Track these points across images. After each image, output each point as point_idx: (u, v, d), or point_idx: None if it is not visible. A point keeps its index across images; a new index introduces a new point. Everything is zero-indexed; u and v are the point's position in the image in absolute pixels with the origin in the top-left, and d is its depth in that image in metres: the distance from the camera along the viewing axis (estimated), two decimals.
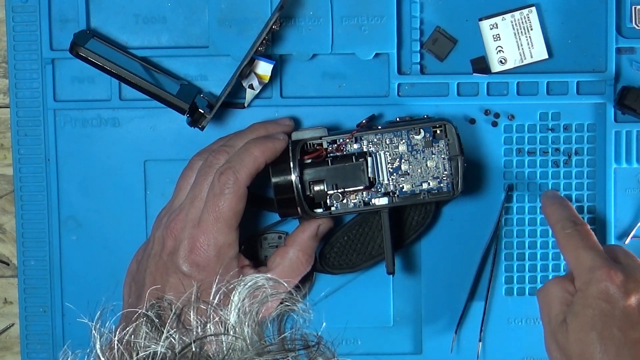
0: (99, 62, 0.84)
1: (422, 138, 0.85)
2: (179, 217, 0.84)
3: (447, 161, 0.85)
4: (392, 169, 0.86)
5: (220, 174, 0.82)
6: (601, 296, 0.78)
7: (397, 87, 0.89)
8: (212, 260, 0.82)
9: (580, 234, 0.82)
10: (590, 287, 0.79)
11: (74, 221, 0.90)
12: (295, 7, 0.87)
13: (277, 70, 0.88)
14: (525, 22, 0.87)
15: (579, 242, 0.81)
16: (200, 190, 0.83)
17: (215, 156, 0.84)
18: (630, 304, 0.78)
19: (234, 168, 0.82)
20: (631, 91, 0.87)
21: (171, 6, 0.89)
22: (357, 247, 0.88)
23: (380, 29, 0.87)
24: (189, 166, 0.86)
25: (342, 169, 0.85)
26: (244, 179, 0.82)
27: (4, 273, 0.93)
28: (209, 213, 0.82)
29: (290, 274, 0.85)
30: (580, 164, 0.89)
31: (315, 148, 0.85)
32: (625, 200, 0.89)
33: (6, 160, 0.92)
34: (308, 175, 0.85)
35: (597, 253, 0.80)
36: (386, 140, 0.85)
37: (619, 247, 0.83)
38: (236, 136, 0.86)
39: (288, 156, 0.84)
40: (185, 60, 0.89)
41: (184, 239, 0.83)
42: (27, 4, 0.89)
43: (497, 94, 0.89)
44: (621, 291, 0.78)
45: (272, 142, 0.84)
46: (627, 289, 0.78)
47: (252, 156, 0.83)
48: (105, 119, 0.90)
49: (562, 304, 0.80)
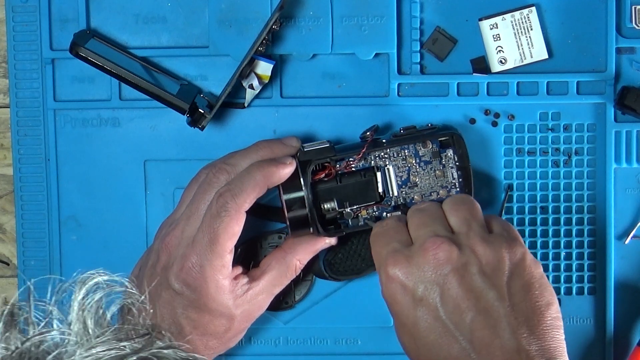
0: (99, 62, 0.84)
1: (429, 149, 0.85)
2: (175, 232, 0.83)
3: (455, 170, 0.85)
4: (401, 182, 0.85)
5: (219, 195, 0.81)
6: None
7: (397, 87, 0.89)
8: (203, 281, 0.81)
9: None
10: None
11: (74, 221, 0.90)
12: (295, 7, 0.87)
13: (277, 70, 0.88)
14: (525, 22, 0.87)
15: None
16: (197, 208, 0.83)
17: (216, 174, 0.83)
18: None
19: (233, 191, 0.81)
20: (631, 91, 0.87)
21: (171, 6, 0.89)
22: (362, 254, 0.87)
23: (380, 29, 0.87)
24: (195, 178, 0.85)
25: (352, 186, 0.84)
26: (243, 203, 0.81)
27: (4, 273, 0.93)
28: (204, 234, 0.81)
29: (282, 279, 0.85)
30: (580, 164, 0.89)
31: (324, 166, 0.85)
32: (625, 200, 0.89)
33: (6, 160, 0.92)
34: (319, 194, 0.84)
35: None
36: (394, 153, 0.85)
37: (494, 217, 0.83)
38: (240, 155, 0.85)
39: (298, 176, 0.83)
40: (185, 60, 0.89)
41: (177, 256, 0.82)
42: (27, 4, 0.89)
43: (497, 94, 0.89)
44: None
45: (277, 167, 0.82)
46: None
47: (253, 180, 0.81)
48: (105, 119, 0.90)
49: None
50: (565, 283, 0.90)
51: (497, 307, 0.76)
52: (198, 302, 0.81)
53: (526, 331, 0.76)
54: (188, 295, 0.81)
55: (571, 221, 0.89)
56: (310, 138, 0.89)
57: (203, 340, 0.83)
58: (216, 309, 0.82)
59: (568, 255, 0.90)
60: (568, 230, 0.89)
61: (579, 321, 0.90)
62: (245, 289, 0.83)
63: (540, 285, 0.78)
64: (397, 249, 0.80)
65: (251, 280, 0.83)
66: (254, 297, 0.83)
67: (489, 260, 0.78)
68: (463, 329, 0.76)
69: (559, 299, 0.89)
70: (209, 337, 0.83)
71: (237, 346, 0.88)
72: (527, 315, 0.77)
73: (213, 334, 0.83)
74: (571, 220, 0.89)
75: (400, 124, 0.87)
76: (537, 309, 0.77)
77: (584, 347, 0.90)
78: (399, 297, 0.78)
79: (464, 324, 0.76)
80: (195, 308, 0.82)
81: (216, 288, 0.81)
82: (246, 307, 0.83)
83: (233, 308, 0.82)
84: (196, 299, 0.81)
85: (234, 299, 0.82)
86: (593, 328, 0.90)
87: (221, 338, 0.83)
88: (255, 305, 0.84)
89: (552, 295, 0.79)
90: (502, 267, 0.78)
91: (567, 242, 0.90)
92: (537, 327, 0.76)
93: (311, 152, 0.84)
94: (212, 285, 0.81)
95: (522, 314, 0.76)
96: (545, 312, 0.78)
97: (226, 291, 0.82)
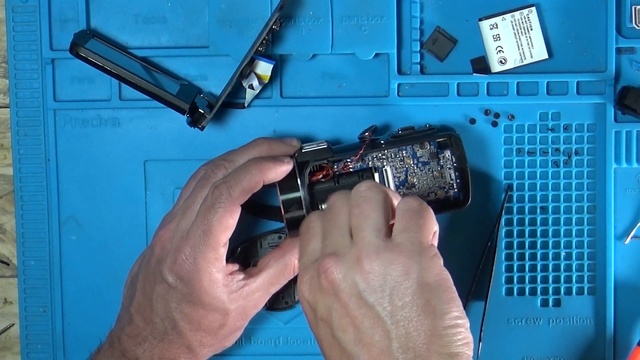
0: (99, 62, 0.84)
1: (427, 150, 0.85)
2: (170, 226, 0.83)
3: (452, 171, 0.85)
4: (398, 182, 0.86)
5: (215, 188, 0.81)
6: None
7: (397, 87, 0.89)
8: (196, 274, 0.81)
9: None
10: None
11: (74, 221, 0.90)
12: (295, 7, 0.87)
13: (277, 70, 0.88)
14: (525, 22, 0.87)
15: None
16: (193, 202, 0.83)
17: (214, 170, 0.84)
18: None
19: (229, 183, 0.81)
20: (631, 91, 0.87)
21: (171, 6, 0.89)
22: None
23: (380, 29, 0.87)
24: (194, 175, 0.86)
25: (349, 187, 0.84)
26: (238, 195, 0.81)
27: (4, 273, 0.93)
28: (198, 226, 0.81)
29: (279, 278, 0.85)
30: (580, 164, 0.89)
31: (322, 167, 0.85)
32: (625, 200, 0.89)
33: (6, 160, 0.92)
34: (316, 194, 0.84)
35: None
36: (391, 154, 0.85)
37: (401, 203, 0.77)
38: (238, 151, 0.85)
39: (295, 176, 0.83)
40: (185, 60, 0.89)
41: (170, 249, 0.82)
42: (27, 4, 0.89)
43: (497, 94, 0.89)
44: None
45: (274, 164, 0.82)
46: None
47: (249, 174, 0.81)
48: (105, 119, 0.90)
49: None
50: (565, 283, 0.90)
51: (380, 328, 0.73)
52: (191, 295, 0.82)
53: (412, 353, 0.72)
54: (181, 289, 0.82)
55: (571, 221, 0.89)
56: (310, 138, 0.89)
57: (197, 337, 0.83)
58: (210, 302, 0.82)
59: (568, 255, 0.90)
60: (568, 230, 0.89)
61: (579, 321, 0.90)
62: (240, 285, 0.83)
63: (427, 297, 0.73)
64: (305, 265, 0.78)
65: (247, 276, 0.84)
66: (249, 293, 0.83)
67: (375, 277, 0.74)
68: (353, 349, 0.74)
69: (559, 299, 0.89)
70: (203, 333, 0.83)
71: (236, 346, 0.88)
72: (412, 336, 0.72)
73: (207, 330, 0.83)
74: (571, 220, 0.89)
75: (400, 124, 0.87)
76: (424, 325, 0.72)
77: (584, 347, 0.90)
78: (307, 312, 0.78)
79: (351, 345, 0.74)
80: (189, 302, 0.82)
81: (209, 281, 0.81)
82: (241, 303, 0.83)
83: (227, 302, 0.82)
84: (189, 293, 0.81)
85: (228, 293, 0.82)
86: (593, 328, 0.90)
87: (215, 335, 0.83)
88: (251, 302, 0.84)
89: (448, 303, 0.73)
90: (386, 283, 0.73)
91: (567, 242, 0.90)
92: (426, 344, 0.72)
93: (309, 153, 0.84)
94: (206, 277, 0.81)
95: (407, 334, 0.72)
96: (436, 322, 0.73)
97: (220, 285, 0.82)
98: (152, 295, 0.82)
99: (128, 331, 0.83)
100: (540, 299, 0.90)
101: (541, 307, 0.90)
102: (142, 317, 0.83)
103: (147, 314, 0.83)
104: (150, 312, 0.82)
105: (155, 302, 0.82)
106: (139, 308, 0.83)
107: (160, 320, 0.82)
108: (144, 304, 0.83)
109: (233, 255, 0.88)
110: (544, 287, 0.90)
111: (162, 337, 0.82)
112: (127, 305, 0.84)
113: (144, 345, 0.82)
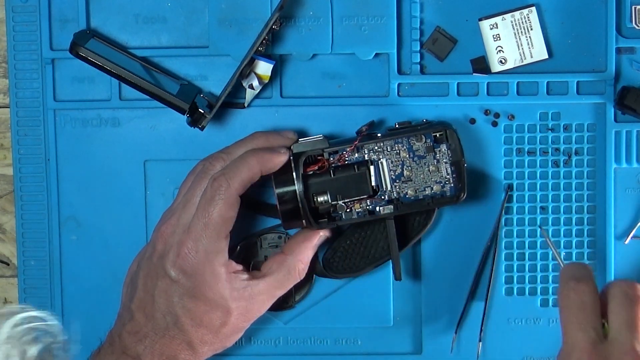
0: (99, 62, 0.84)
1: (423, 144, 0.85)
2: (170, 221, 0.84)
3: (449, 165, 0.85)
4: (394, 176, 0.86)
5: (214, 180, 0.82)
6: None
7: (397, 87, 0.89)
8: (199, 267, 0.82)
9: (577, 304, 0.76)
10: None
11: (74, 221, 0.90)
12: (295, 7, 0.87)
13: (277, 70, 0.88)
14: (525, 22, 0.87)
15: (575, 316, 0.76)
16: (192, 195, 0.83)
17: (212, 162, 0.84)
18: None
19: (227, 175, 0.82)
20: (631, 91, 0.87)
21: (171, 6, 0.89)
22: (361, 251, 0.87)
23: (380, 29, 0.87)
24: (192, 171, 0.86)
25: (345, 179, 0.84)
26: (237, 186, 0.81)
27: (4, 273, 0.93)
28: (199, 219, 0.82)
29: (285, 282, 0.85)
30: (580, 164, 0.89)
31: (317, 159, 0.85)
32: (625, 200, 0.89)
33: (6, 160, 0.92)
34: (311, 186, 0.84)
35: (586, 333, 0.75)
36: (387, 147, 0.85)
37: (614, 289, 0.76)
38: (236, 144, 0.86)
39: (291, 169, 0.84)
40: (185, 60, 0.89)
41: (173, 243, 0.83)
42: (27, 4, 0.89)
43: (497, 94, 0.89)
44: None
45: (271, 155, 0.83)
46: None
47: (247, 165, 0.82)
48: (105, 119, 0.90)
49: None
50: None
51: None
52: (194, 290, 0.82)
53: None
54: (184, 283, 0.82)
55: (571, 221, 0.89)
56: None
57: (198, 333, 0.83)
58: (212, 298, 0.82)
59: (568, 255, 0.90)
60: (568, 230, 0.90)
61: None
62: (243, 285, 0.83)
63: None
64: (594, 340, 0.74)
65: (251, 278, 0.84)
66: (253, 295, 0.83)
67: None
68: None
69: None
70: (204, 329, 0.83)
71: (236, 346, 0.88)
72: None
73: (208, 327, 0.83)
74: (571, 220, 0.89)
75: None
76: None
77: None
78: None
79: None
80: (192, 297, 0.82)
81: (212, 274, 0.82)
82: (243, 303, 0.83)
83: (229, 300, 0.82)
84: (192, 287, 0.82)
85: (231, 290, 0.82)
86: None
87: (217, 333, 0.83)
88: (255, 304, 0.84)
89: None
90: None
91: (567, 242, 0.90)
92: None
93: (304, 144, 0.85)
94: (209, 271, 0.82)
95: None
96: None
97: (222, 279, 0.82)
98: (154, 291, 0.82)
99: (129, 328, 0.83)
100: (540, 299, 0.90)
101: (541, 307, 0.90)
102: (144, 313, 0.83)
103: (149, 310, 0.83)
104: (151, 307, 0.83)
105: (157, 297, 0.82)
106: (140, 304, 0.83)
107: (162, 315, 0.82)
108: (146, 300, 0.83)
109: (232, 253, 0.88)
110: (544, 287, 0.90)
111: (163, 332, 0.82)
112: (128, 302, 0.84)
113: (145, 342, 0.82)
